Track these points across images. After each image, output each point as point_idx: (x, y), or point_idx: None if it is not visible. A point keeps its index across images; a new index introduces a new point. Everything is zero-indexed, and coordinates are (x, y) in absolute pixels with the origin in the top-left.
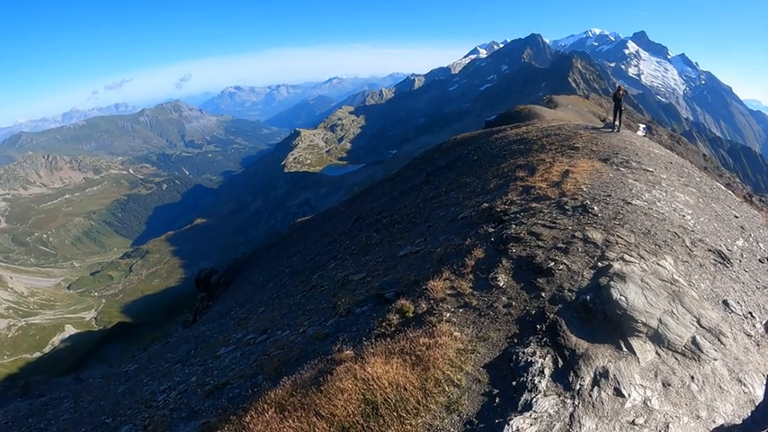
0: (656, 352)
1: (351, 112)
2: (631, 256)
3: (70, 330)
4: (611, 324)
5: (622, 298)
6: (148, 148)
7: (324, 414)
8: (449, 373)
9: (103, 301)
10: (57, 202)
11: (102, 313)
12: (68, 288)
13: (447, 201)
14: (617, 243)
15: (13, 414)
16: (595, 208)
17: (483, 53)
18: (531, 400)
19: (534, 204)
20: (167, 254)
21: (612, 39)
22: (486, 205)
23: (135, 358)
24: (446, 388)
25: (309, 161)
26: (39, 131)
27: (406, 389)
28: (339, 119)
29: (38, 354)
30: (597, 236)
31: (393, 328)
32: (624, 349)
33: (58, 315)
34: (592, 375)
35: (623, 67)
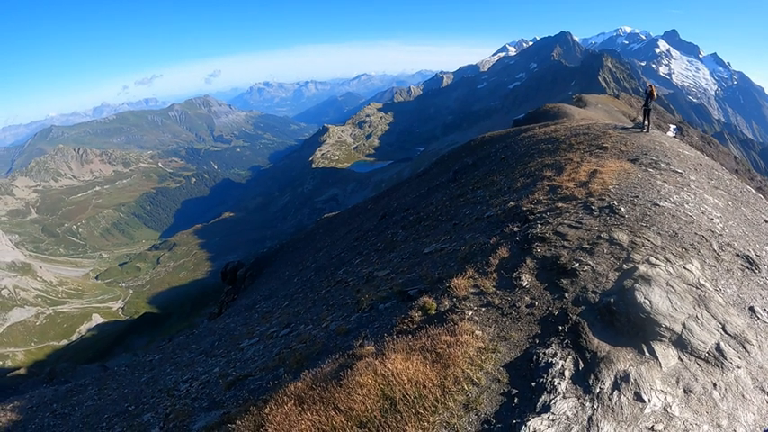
0: (679, 357)
1: (379, 109)
2: (657, 258)
3: (97, 319)
4: (634, 327)
5: (647, 301)
6: (177, 143)
7: (342, 408)
8: (468, 371)
9: (131, 291)
10: (86, 194)
11: (128, 303)
12: (96, 278)
13: (473, 199)
14: (643, 245)
15: (38, 399)
16: (622, 209)
17: (512, 51)
18: (550, 401)
19: (561, 204)
20: (195, 247)
21: (643, 37)
22: (513, 204)
23: (160, 348)
24: (465, 386)
25: (337, 157)
26: (70, 125)
27: (425, 386)
28: (367, 115)
29: (65, 341)
30: (623, 237)
31: (415, 325)
32: (646, 353)
33: (85, 304)
34: (612, 379)
35: (654, 66)
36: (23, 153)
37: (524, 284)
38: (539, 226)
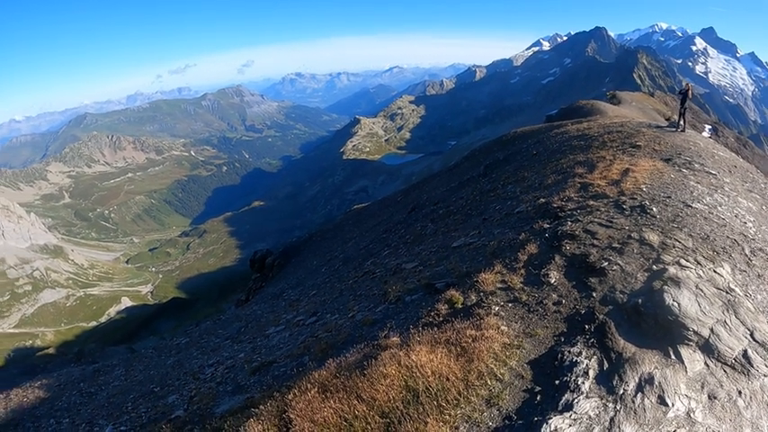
0: (705, 362)
1: (411, 102)
2: (688, 261)
3: (126, 303)
4: (661, 330)
5: (675, 304)
6: (210, 132)
7: (365, 397)
8: (492, 366)
9: (160, 276)
10: (119, 180)
11: (157, 288)
12: (127, 262)
13: (504, 194)
14: (674, 247)
15: (65, 378)
16: (654, 209)
17: (546, 46)
18: (573, 400)
19: (592, 202)
20: (224, 234)
21: (680, 34)
22: (543, 201)
23: (187, 332)
24: (488, 381)
25: (368, 149)
26: (103, 113)
27: (448, 379)
28: (399, 108)
29: (93, 323)
30: (654, 238)
31: (441, 318)
32: (672, 357)
33: (115, 287)
34: (636, 381)
35: (690, 64)
36: (58, 139)
37: (552, 282)
38: (569, 223)
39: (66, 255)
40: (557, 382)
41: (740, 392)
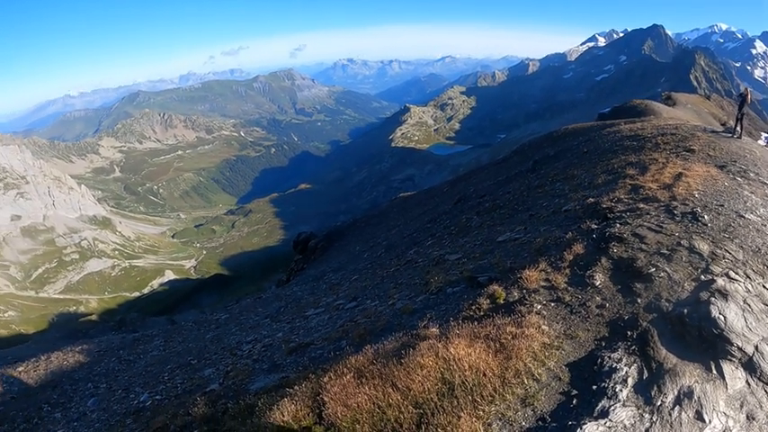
0: (747, 380)
1: (462, 93)
2: (737, 273)
3: (169, 276)
4: (704, 343)
5: (721, 317)
6: (260, 113)
7: (400, 386)
8: (530, 365)
9: (204, 252)
10: (169, 157)
11: (201, 263)
12: (172, 237)
13: (552, 191)
14: (724, 258)
15: (106, 344)
16: (706, 217)
17: (601, 41)
18: (609, 407)
19: (642, 205)
20: (269, 214)
21: (739, 36)
22: (592, 200)
23: (227, 308)
24: (525, 380)
25: (417, 138)
26: (156, 91)
27: (485, 375)
28: (450, 98)
29: (136, 293)
30: (704, 247)
31: (482, 313)
32: (713, 372)
33: (159, 260)
34: (675, 393)
35: (749, 67)
36: (110, 115)
37: (597, 284)
38: (617, 225)
39: (114, 226)
40: (594, 387)
41: None
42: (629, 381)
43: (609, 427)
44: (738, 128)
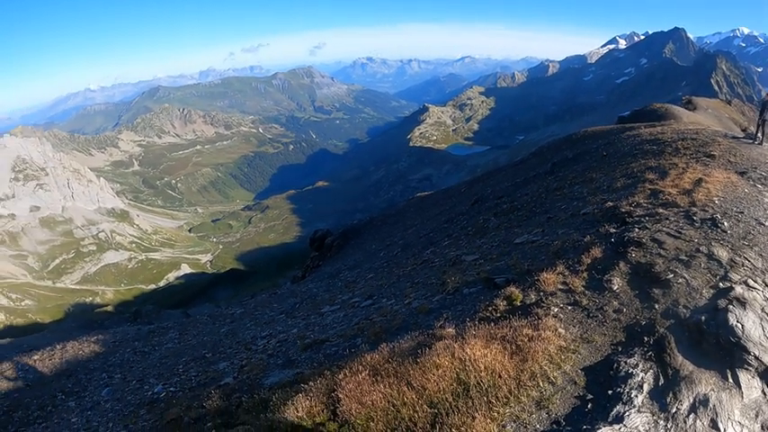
0: (763, 390)
1: (481, 93)
2: (756, 281)
3: (185, 269)
4: (721, 351)
5: (738, 325)
6: (279, 110)
7: (415, 385)
8: (546, 368)
9: (220, 247)
10: (187, 152)
11: (217, 258)
12: (189, 231)
13: (570, 194)
14: (742, 265)
15: (121, 336)
16: (725, 223)
17: (622, 44)
18: (624, 413)
19: (661, 210)
20: (286, 211)
21: (762, 41)
22: (611, 204)
23: (242, 303)
24: (540, 383)
25: (435, 138)
26: (176, 86)
27: (500, 376)
28: (469, 98)
29: (152, 286)
30: (723, 254)
31: (498, 314)
32: (730, 380)
33: (176, 254)
34: (691, 401)
35: None
36: (130, 110)
37: (614, 288)
38: (636, 230)
39: (132, 219)
40: (609, 392)
41: None
42: (645, 387)
43: None
44: (760, 134)
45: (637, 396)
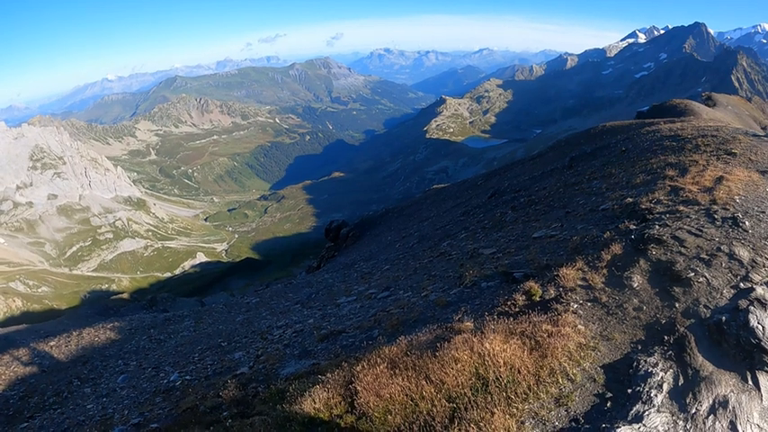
0: None
1: (498, 86)
2: None
3: (201, 258)
4: (741, 352)
5: (759, 327)
6: (295, 101)
7: (433, 379)
8: (566, 365)
9: (236, 236)
10: (204, 141)
11: (232, 247)
12: (205, 220)
13: (589, 189)
14: (764, 265)
15: (137, 323)
16: (747, 223)
17: (642, 38)
18: (643, 412)
19: (681, 207)
20: (302, 201)
21: None
22: (631, 200)
23: (257, 292)
24: (560, 380)
25: (452, 130)
26: (193, 76)
27: (519, 372)
28: (486, 91)
29: (168, 274)
30: (744, 253)
31: (517, 309)
32: (749, 382)
33: (192, 242)
34: (710, 402)
35: None
36: (148, 99)
37: (635, 286)
38: (656, 227)
39: (148, 208)
40: (629, 390)
41: None
42: (665, 386)
43: None
44: None
45: (656, 395)
